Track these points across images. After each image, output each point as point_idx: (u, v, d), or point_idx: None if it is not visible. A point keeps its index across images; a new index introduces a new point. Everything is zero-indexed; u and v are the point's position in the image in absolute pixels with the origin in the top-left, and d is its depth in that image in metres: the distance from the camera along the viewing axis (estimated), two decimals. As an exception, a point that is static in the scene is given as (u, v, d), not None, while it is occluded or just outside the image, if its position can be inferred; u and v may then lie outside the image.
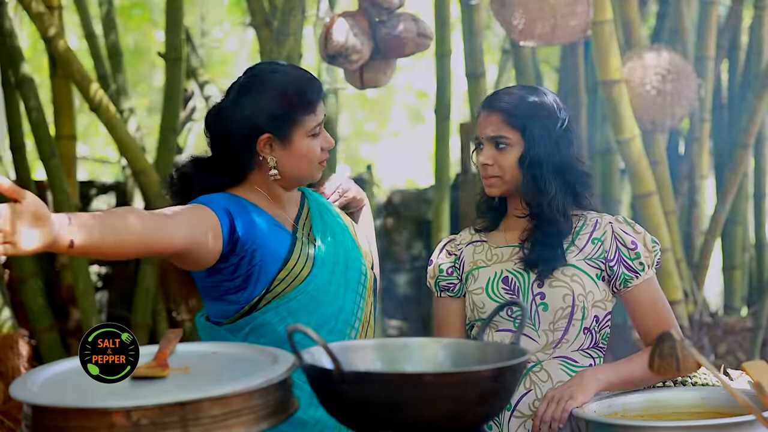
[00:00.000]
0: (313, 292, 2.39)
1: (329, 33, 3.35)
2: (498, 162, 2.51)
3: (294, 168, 2.44)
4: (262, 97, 2.40)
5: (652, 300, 2.52)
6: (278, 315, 2.37)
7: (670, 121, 4.65)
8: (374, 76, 3.52)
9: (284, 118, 2.40)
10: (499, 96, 2.56)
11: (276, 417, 1.75)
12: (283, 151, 2.42)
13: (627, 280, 2.50)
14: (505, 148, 2.50)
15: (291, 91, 2.41)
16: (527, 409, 2.48)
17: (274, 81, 2.43)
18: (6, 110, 5.30)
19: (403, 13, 3.46)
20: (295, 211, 2.52)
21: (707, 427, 2.05)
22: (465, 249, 2.64)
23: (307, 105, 2.42)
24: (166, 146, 5.30)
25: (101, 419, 1.62)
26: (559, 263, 2.48)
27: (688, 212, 5.77)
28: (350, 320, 2.46)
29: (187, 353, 1.97)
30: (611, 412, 2.27)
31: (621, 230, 2.51)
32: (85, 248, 1.90)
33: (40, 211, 1.79)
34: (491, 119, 2.52)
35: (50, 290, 5.29)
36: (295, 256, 2.39)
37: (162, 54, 5.32)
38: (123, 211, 2.06)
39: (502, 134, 2.50)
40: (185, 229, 2.18)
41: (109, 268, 6.19)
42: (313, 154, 2.44)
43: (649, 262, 2.50)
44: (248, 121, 2.39)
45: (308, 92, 2.43)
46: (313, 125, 2.43)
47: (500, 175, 2.52)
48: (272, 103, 2.40)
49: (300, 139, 2.42)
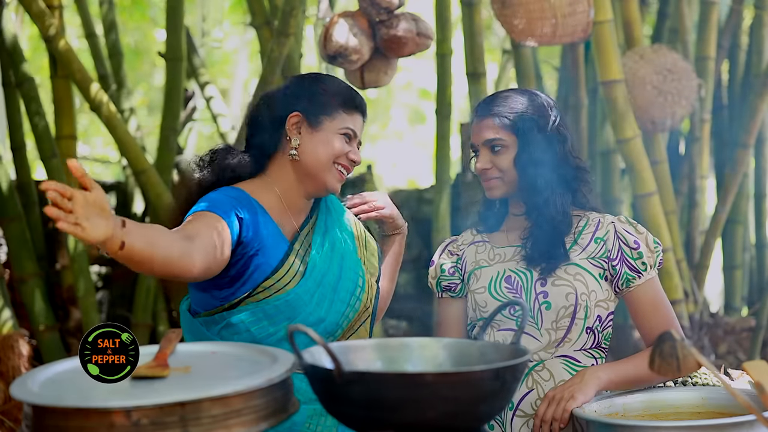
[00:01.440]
0: (293, 301, 2.39)
1: (329, 33, 3.35)
2: (496, 164, 2.52)
3: (312, 154, 2.44)
4: (309, 84, 2.49)
5: (653, 300, 2.52)
6: (254, 316, 2.38)
7: (670, 121, 4.65)
8: (375, 76, 3.52)
9: (320, 104, 2.46)
10: (490, 101, 2.58)
11: (276, 417, 1.75)
12: (308, 135, 2.45)
13: (629, 279, 2.50)
14: (501, 149, 2.52)
15: (337, 87, 2.49)
16: (530, 408, 2.49)
17: (327, 78, 2.53)
18: (6, 110, 5.30)
19: (404, 13, 3.46)
20: (302, 219, 2.52)
21: (708, 427, 2.05)
22: (467, 249, 2.65)
23: (345, 103, 2.47)
24: (167, 146, 5.31)
25: (101, 419, 1.62)
26: (561, 260, 2.49)
27: (689, 212, 5.77)
28: (332, 331, 2.46)
29: (188, 353, 1.98)
30: (612, 412, 2.27)
31: (624, 230, 2.52)
32: (130, 254, 1.95)
33: (105, 205, 1.85)
34: (485, 124, 2.54)
35: (51, 290, 5.29)
36: (284, 268, 2.39)
37: (162, 54, 5.32)
38: (159, 230, 2.09)
39: (497, 137, 2.52)
40: (203, 256, 2.20)
41: (110, 269, 6.19)
42: (335, 149, 2.45)
43: (651, 263, 2.50)
44: (286, 98, 2.47)
45: (351, 96, 2.50)
46: (345, 125, 2.47)
47: (500, 177, 2.53)
48: (314, 89, 2.47)
49: (328, 131, 2.46)
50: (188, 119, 6.30)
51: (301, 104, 2.45)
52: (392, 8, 3.38)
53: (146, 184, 4.65)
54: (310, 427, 2.37)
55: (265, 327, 2.38)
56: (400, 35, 3.39)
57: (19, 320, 4.92)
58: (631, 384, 2.45)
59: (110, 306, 6.11)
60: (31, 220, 5.24)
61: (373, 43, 3.42)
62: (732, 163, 5.58)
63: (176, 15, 5.21)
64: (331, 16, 3.62)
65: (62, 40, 4.53)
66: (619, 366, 2.46)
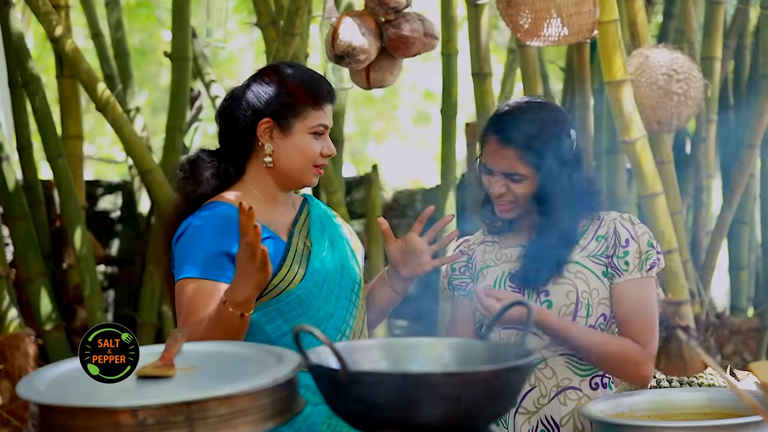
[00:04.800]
0: (303, 296, 2.39)
1: (336, 33, 3.35)
2: (512, 190, 2.50)
3: (288, 160, 2.44)
4: (271, 84, 2.44)
5: (632, 304, 2.49)
6: (267, 316, 2.38)
7: (676, 121, 4.64)
8: (381, 76, 3.51)
9: (287, 105, 2.43)
10: (510, 127, 2.48)
11: (282, 416, 1.75)
12: (281, 140, 2.43)
13: (611, 276, 2.49)
14: (520, 180, 2.49)
15: (300, 82, 2.45)
16: (532, 405, 2.49)
17: (286, 73, 2.47)
18: (13, 110, 5.31)
19: (410, 13, 3.45)
20: (292, 215, 2.52)
21: (714, 427, 2.05)
22: (477, 249, 2.66)
23: (312, 99, 2.44)
24: (173, 146, 5.31)
25: (107, 418, 1.63)
26: (552, 275, 2.48)
27: (695, 213, 5.75)
28: (340, 327, 2.46)
29: (194, 353, 1.98)
30: (618, 412, 2.27)
31: (622, 226, 2.51)
32: (243, 324, 2.23)
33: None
34: (504, 154, 2.47)
35: (57, 290, 5.29)
36: (287, 264, 2.39)
37: (168, 54, 5.33)
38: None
39: (516, 171, 2.47)
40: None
41: (116, 268, 6.20)
42: (310, 153, 2.44)
43: (636, 263, 2.47)
44: (254, 103, 2.44)
45: (317, 89, 2.45)
46: (315, 122, 2.44)
47: (514, 202, 2.51)
48: (279, 90, 2.43)
49: (300, 132, 2.44)
50: (194, 119, 6.30)
51: (269, 108, 2.43)
52: (400, 8, 3.37)
53: (152, 184, 4.65)
54: (329, 427, 2.37)
55: (280, 326, 2.38)
56: (407, 35, 3.38)
57: (25, 320, 4.93)
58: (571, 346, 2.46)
59: (116, 306, 6.12)
60: (37, 219, 5.24)
61: (381, 42, 3.41)
62: (738, 163, 5.57)
63: (182, 15, 5.21)
64: (337, 15, 3.62)
65: (69, 40, 4.54)
66: (572, 328, 2.45)
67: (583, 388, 2.52)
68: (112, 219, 6.36)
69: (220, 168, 2.48)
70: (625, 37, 4.70)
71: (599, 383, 2.53)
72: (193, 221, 2.40)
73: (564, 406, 2.50)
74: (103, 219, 6.31)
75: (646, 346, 2.47)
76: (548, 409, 2.51)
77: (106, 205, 6.37)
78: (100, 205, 6.35)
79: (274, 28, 4.60)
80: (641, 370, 2.49)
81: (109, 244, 6.30)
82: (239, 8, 9.15)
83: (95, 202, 6.31)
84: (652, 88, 4.53)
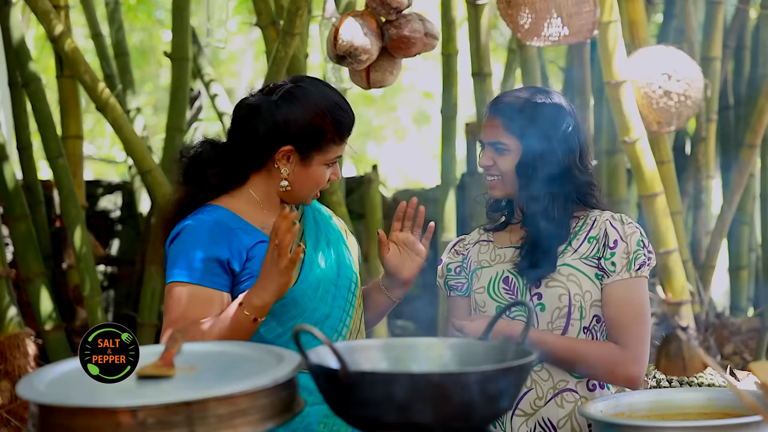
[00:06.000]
0: (298, 298, 2.39)
1: (338, 33, 3.34)
2: (497, 164, 2.51)
3: (302, 188, 2.47)
4: (299, 110, 2.41)
5: (618, 304, 2.47)
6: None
7: (676, 121, 4.64)
8: (381, 76, 3.51)
9: (313, 139, 2.42)
10: (502, 100, 2.55)
11: (282, 416, 1.75)
12: (299, 168, 2.44)
13: (601, 277, 2.48)
14: (504, 152, 2.50)
15: (329, 115, 2.43)
16: (529, 407, 2.50)
17: (316, 100, 2.43)
18: (13, 110, 5.31)
19: (411, 13, 3.45)
20: None
21: (714, 427, 2.04)
22: (472, 248, 2.66)
23: (338, 136, 2.45)
24: (173, 146, 5.31)
25: (108, 418, 1.63)
26: (548, 271, 2.47)
27: (695, 212, 5.75)
28: (336, 326, 2.46)
29: (194, 353, 1.98)
30: (617, 412, 2.26)
31: (612, 227, 2.50)
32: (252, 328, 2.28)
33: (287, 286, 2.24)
34: (492, 123, 2.52)
35: (57, 289, 5.29)
36: None
37: (168, 54, 5.33)
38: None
39: (500, 140, 2.50)
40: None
41: (116, 268, 6.20)
42: (322, 182, 2.48)
43: (623, 264, 2.46)
44: (278, 126, 2.41)
45: (343, 124, 2.46)
46: (334, 156, 2.47)
47: (500, 177, 2.52)
48: (306, 121, 2.41)
49: (318, 164, 2.45)
50: (194, 119, 6.31)
51: (293, 137, 2.41)
52: (401, 8, 3.37)
53: (152, 184, 4.65)
54: (325, 426, 2.37)
55: (274, 328, 2.38)
56: (408, 35, 3.38)
57: (25, 319, 4.93)
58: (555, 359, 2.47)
59: (116, 306, 6.12)
60: (37, 219, 5.24)
61: (382, 43, 3.41)
62: (738, 163, 5.57)
63: (182, 15, 5.21)
64: (337, 16, 3.62)
65: (68, 40, 4.54)
66: (547, 338, 2.45)
67: (579, 389, 2.51)
68: (112, 219, 6.36)
69: (222, 171, 2.47)
70: (625, 37, 4.69)
71: (596, 385, 2.52)
72: (188, 223, 2.40)
73: (561, 408, 2.50)
74: (103, 219, 6.31)
75: (629, 346, 2.44)
76: (545, 411, 2.50)
77: (106, 205, 6.37)
78: (100, 205, 6.35)
79: (274, 28, 4.60)
80: (625, 371, 2.44)
81: (109, 244, 6.31)
82: (239, 8, 9.14)
83: (95, 202, 6.31)
84: (651, 88, 4.54)
